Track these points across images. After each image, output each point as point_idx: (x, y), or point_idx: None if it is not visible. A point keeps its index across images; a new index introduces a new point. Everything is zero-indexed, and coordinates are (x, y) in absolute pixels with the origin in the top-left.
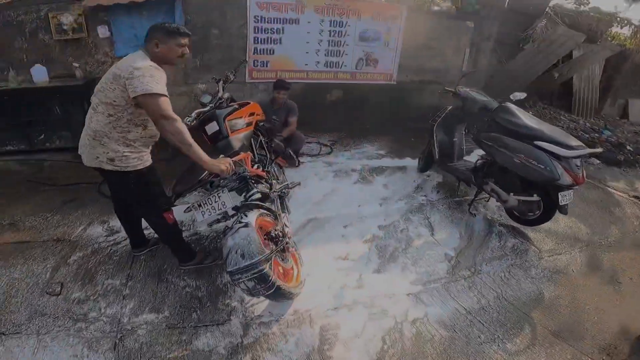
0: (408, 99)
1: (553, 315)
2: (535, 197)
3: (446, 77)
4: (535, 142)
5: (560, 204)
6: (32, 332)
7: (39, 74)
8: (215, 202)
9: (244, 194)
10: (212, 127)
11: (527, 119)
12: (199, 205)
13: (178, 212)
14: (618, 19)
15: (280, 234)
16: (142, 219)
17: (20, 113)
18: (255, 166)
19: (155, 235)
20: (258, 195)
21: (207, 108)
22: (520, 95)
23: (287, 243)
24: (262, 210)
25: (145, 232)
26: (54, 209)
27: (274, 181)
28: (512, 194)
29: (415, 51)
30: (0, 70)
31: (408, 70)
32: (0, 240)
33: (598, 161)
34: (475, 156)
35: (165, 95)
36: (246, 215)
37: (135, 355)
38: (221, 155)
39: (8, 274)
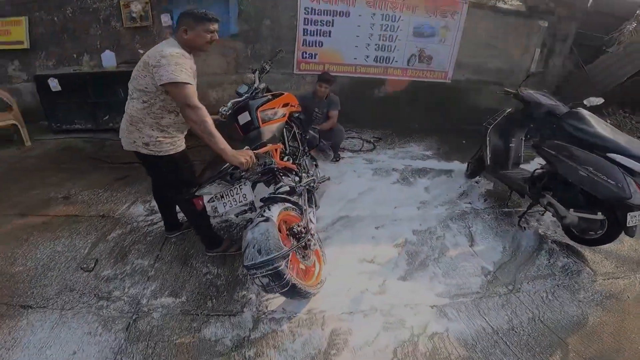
0: (463, 99)
1: (592, 342)
2: (599, 216)
3: (510, 79)
4: (608, 155)
5: (628, 225)
6: (57, 307)
7: (108, 60)
8: (237, 193)
9: (272, 186)
10: (244, 117)
11: (600, 127)
12: (221, 197)
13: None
14: None
15: (303, 230)
16: None
17: (89, 95)
18: (286, 158)
19: None
20: (286, 189)
21: (243, 98)
22: (597, 101)
23: (309, 240)
24: (287, 204)
25: (179, 215)
26: (106, 186)
27: (304, 174)
28: (572, 209)
29: (476, 49)
30: (76, 54)
31: (466, 68)
32: (52, 213)
33: None
34: (536, 164)
35: (190, 84)
36: (269, 209)
37: (144, 337)
38: (246, 147)
39: (52, 247)
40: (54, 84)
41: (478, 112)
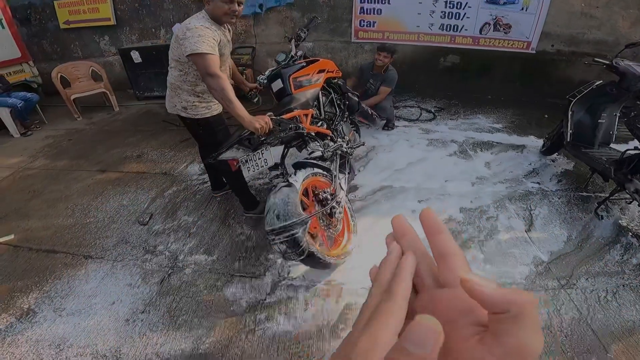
0: (550, 71)
1: (637, 352)
2: None
3: (613, 51)
4: None
5: None
6: (111, 259)
7: None
8: (259, 158)
9: (304, 151)
10: (277, 85)
11: None
12: (246, 161)
13: None
14: None
15: (329, 196)
16: None
17: (164, 64)
18: (320, 123)
19: None
20: (318, 154)
21: (277, 66)
22: None
23: (334, 208)
24: (316, 170)
25: None
26: (172, 147)
27: (339, 140)
28: None
29: (569, 19)
30: (155, 29)
31: (556, 39)
32: (126, 169)
33: None
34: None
35: (211, 54)
36: (295, 174)
37: (173, 291)
38: (268, 113)
39: (119, 200)
40: (135, 56)
41: (568, 86)
